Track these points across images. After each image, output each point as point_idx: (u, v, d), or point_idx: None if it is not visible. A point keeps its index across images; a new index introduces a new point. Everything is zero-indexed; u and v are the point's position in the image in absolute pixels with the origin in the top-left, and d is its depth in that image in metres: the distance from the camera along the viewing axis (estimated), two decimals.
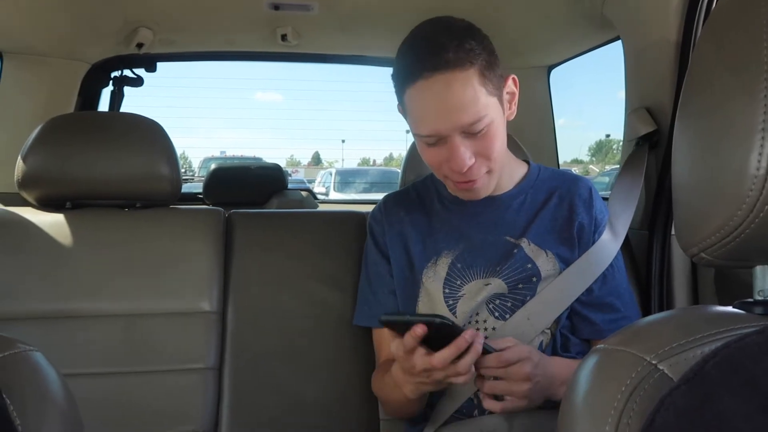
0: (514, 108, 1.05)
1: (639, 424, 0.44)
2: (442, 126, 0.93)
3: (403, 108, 1.02)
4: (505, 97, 1.02)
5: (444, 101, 0.92)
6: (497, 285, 1.05)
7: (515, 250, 1.06)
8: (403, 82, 0.96)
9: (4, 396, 0.50)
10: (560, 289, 1.04)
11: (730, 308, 0.54)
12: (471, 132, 0.94)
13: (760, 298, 0.52)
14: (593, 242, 1.08)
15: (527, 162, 1.18)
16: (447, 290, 1.06)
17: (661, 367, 0.46)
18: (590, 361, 0.52)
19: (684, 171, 0.53)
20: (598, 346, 0.53)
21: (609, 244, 1.08)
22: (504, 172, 1.10)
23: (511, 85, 1.04)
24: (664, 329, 0.51)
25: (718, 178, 0.48)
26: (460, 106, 0.92)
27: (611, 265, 1.08)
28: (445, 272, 1.07)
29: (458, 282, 1.06)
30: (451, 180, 1.02)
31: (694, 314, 0.54)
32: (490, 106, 0.95)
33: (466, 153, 0.95)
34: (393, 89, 1.01)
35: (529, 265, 1.05)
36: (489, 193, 1.05)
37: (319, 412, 1.25)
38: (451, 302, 1.06)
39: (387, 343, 1.13)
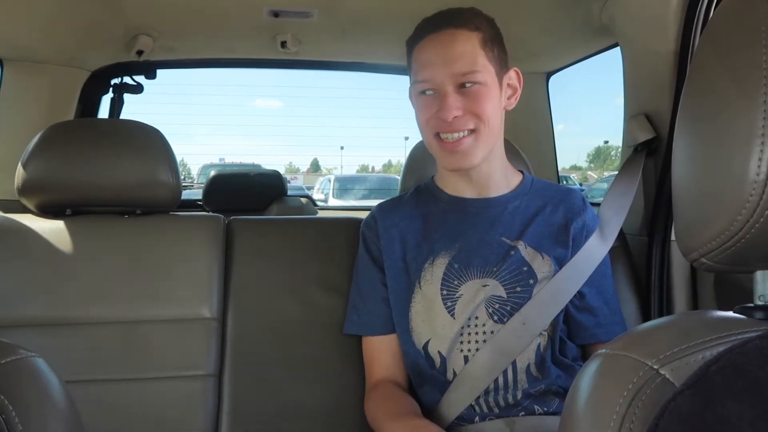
0: (514, 102, 1.12)
1: (641, 429, 0.44)
2: (439, 72, 1.02)
3: (408, 68, 1.11)
4: (506, 82, 1.09)
5: (446, 50, 1.03)
6: (495, 286, 1.06)
7: (512, 252, 1.07)
8: (414, 39, 1.09)
9: (7, 401, 0.50)
10: (552, 292, 1.05)
11: (730, 313, 0.54)
12: (463, 83, 1.02)
13: (760, 303, 0.52)
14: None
15: (521, 172, 1.21)
16: (445, 292, 1.07)
17: (662, 372, 0.46)
18: (592, 366, 0.52)
19: (684, 176, 0.53)
20: (599, 351, 0.53)
21: (598, 248, 1.11)
22: (500, 174, 1.14)
23: (513, 77, 1.11)
24: (665, 334, 0.51)
25: (718, 184, 0.48)
26: (458, 55, 1.02)
27: (603, 270, 1.12)
28: (442, 272, 1.08)
29: (455, 282, 1.07)
30: (440, 144, 1.06)
31: (695, 319, 0.54)
32: (486, 70, 1.04)
33: (454, 103, 1.02)
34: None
35: (525, 268, 1.07)
36: (477, 164, 1.08)
37: (319, 418, 1.24)
38: (449, 304, 1.06)
39: (380, 358, 1.16)
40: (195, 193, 4.33)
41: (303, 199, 2.86)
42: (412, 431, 0.95)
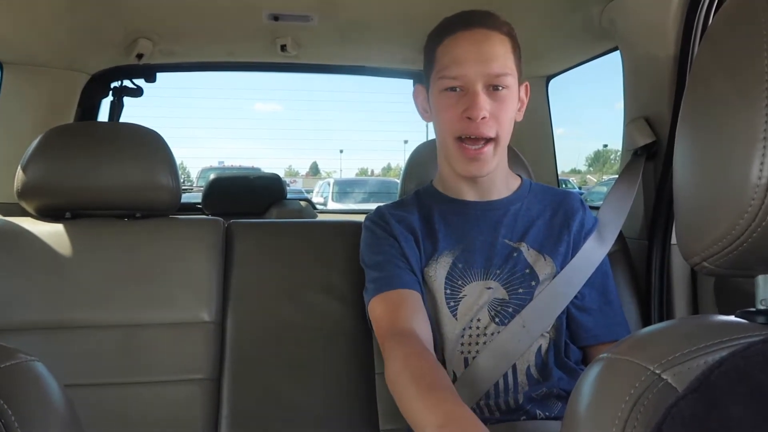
0: (521, 114, 1.11)
1: None
2: (472, 70, 1.00)
3: (428, 63, 1.08)
4: (520, 93, 1.09)
5: (479, 49, 1.01)
6: (497, 288, 1.06)
7: (515, 254, 1.08)
8: (441, 33, 1.05)
9: (6, 406, 0.50)
10: (551, 294, 1.05)
11: (732, 317, 0.54)
12: (494, 85, 1.02)
13: (762, 307, 0.52)
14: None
15: (519, 176, 1.21)
16: (448, 291, 1.07)
17: (664, 377, 0.46)
18: (593, 371, 0.52)
19: (685, 180, 0.53)
20: (601, 355, 0.53)
21: (596, 250, 1.11)
22: (502, 179, 1.15)
23: (522, 89, 1.10)
24: (667, 338, 0.51)
25: (720, 188, 0.48)
26: (492, 56, 1.01)
27: (603, 272, 1.12)
28: (446, 271, 1.08)
29: (459, 282, 1.07)
30: (461, 148, 1.04)
31: (697, 323, 0.54)
32: (513, 77, 1.04)
33: (485, 103, 1.00)
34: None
35: (528, 270, 1.07)
36: (490, 172, 1.07)
37: (318, 422, 1.24)
38: (452, 304, 1.06)
39: (406, 307, 1.02)
40: (194, 197, 4.33)
41: (302, 203, 2.86)
42: (446, 421, 0.73)
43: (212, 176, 2.80)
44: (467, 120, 1.01)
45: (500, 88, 1.02)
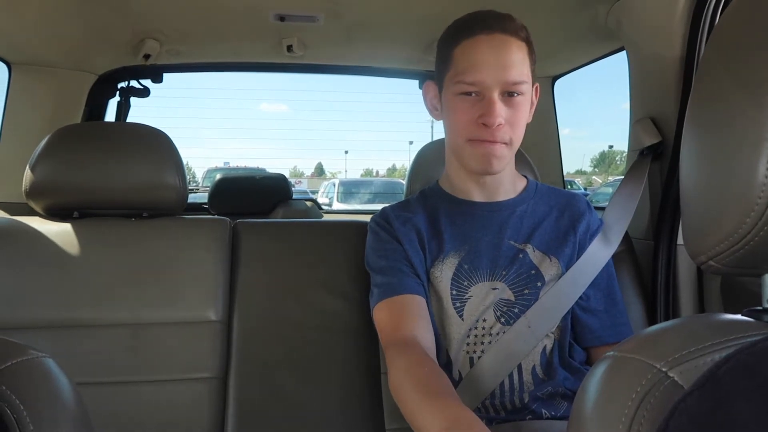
0: (531, 116, 1.10)
1: None
2: (490, 77, 1.00)
3: (443, 63, 1.07)
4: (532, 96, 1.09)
5: (498, 56, 1.01)
6: (503, 289, 1.06)
7: (520, 255, 1.08)
8: (458, 34, 1.04)
9: (18, 401, 0.51)
10: (556, 295, 1.05)
11: (739, 316, 0.54)
12: (510, 92, 1.02)
13: None
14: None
15: (525, 177, 1.21)
16: (454, 292, 1.07)
17: (671, 375, 0.46)
18: (600, 369, 0.52)
19: (692, 179, 0.53)
20: (608, 353, 0.53)
21: (601, 250, 1.11)
22: (509, 180, 1.15)
23: (533, 92, 1.10)
24: (673, 337, 0.51)
25: (727, 186, 0.48)
26: (511, 63, 1.01)
27: (609, 273, 1.12)
28: (452, 272, 1.08)
29: (465, 283, 1.07)
30: (474, 145, 1.04)
31: (704, 322, 0.54)
32: (529, 81, 1.04)
33: (501, 110, 1.00)
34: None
35: (533, 271, 1.07)
36: (500, 171, 1.07)
37: (325, 421, 1.24)
38: (458, 305, 1.07)
39: (410, 314, 1.03)
40: (200, 197, 4.34)
41: (308, 203, 2.87)
42: (450, 424, 0.74)
43: (218, 176, 2.81)
44: (482, 126, 1.01)
45: (515, 94, 1.02)
